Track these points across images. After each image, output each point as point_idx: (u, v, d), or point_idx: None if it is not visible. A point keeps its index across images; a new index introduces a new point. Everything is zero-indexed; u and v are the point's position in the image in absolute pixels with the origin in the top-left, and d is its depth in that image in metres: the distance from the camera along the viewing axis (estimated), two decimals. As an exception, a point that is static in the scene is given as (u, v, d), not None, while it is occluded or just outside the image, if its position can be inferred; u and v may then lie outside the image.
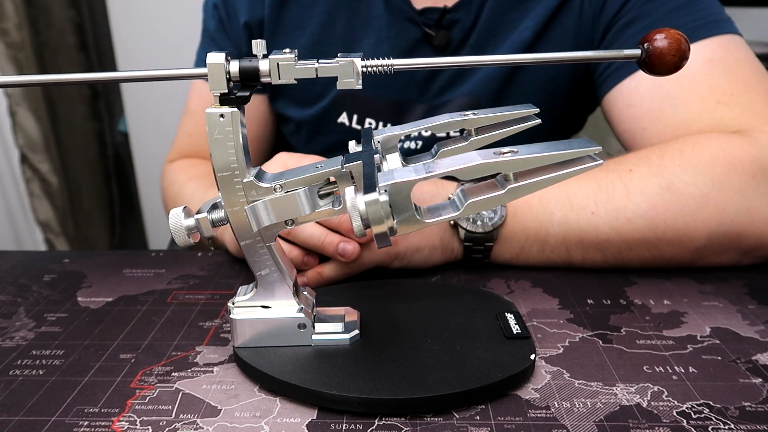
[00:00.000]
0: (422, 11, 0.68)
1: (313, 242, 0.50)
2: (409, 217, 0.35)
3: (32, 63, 1.48)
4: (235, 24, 0.74)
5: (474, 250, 0.54)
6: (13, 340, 0.46)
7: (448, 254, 0.55)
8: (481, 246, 0.54)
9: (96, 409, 0.38)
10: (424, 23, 0.68)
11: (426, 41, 0.68)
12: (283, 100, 0.76)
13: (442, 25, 0.68)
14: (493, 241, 0.53)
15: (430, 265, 0.55)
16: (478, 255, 0.54)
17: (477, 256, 0.55)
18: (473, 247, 0.54)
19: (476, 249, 0.54)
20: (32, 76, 0.35)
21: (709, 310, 0.48)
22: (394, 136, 0.44)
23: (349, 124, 0.73)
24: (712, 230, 0.51)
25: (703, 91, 0.58)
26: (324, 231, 0.50)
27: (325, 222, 0.50)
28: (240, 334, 0.41)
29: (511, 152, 0.34)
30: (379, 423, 0.36)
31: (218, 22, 0.75)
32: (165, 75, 0.35)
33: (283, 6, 0.71)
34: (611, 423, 0.36)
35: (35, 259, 0.61)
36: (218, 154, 0.37)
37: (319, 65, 0.35)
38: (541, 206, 0.53)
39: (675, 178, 0.51)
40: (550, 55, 0.36)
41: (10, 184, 1.57)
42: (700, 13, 0.61)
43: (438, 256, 0.54)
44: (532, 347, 0.41)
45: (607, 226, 0.52)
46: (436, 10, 0.67)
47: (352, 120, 0.72)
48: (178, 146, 0.81)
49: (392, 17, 0.68)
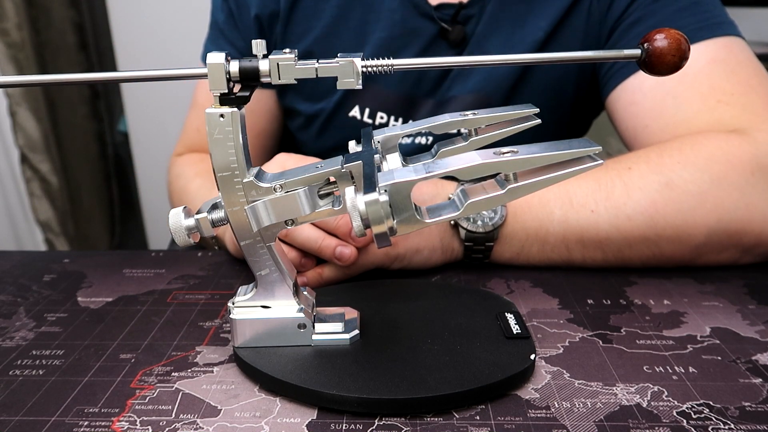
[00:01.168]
0: (437, 7, 0.68)
1: (310, 245, 0.50)
2: (409, 217, 0.35)
3: (32, 63, 1.48)
4: (245, 16, 0.74)
5: (474, 250, 0.54)
6: (13, 340, 0.46)
7: (448, 255, 0.55)
8: (481, 246, 0.54)
9: (96, 409, 0.38)
10: (440, 18, 0.68)
11: (442, 36, 0.69)
12: (293, 94, 0.76)
13: (458, 21, 0.68)
14: (494, 241, 0.53)
15: (431, 266, 0.55)
16: (478, 255, 0.55)
17: (477, 256, 0.55)
18: (474, 247, 0.54)
19: (477, 249, 0.54)
20: (32, 76, 0.35)
21: (709, 310, 0.48)
22: (394, 136, 0.44)
23: (361, 118, 0.73)
24: (712, 227, 0.51)
25: (704, 90, 0.58)
26: (321, 234, 0.50)
27: (322, 224, 0.50)
28: (240, 334, 0.41)
29: (511, 152, 0.34)
30: (379, 423, 0.36)
31: (228, 14, 0.75)
32: (165, 75, 0.35)
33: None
34: (611, 423, 0.36)
35: (35, 259, 0.61)
36: (218, 154, 0.37)
37: (319, 65, 0.35)
38: (541, 205, 0.53)
39: (674, 175, 0.52)
40: (550, 55, 0.36)
41: (10, 184, 1.57)
42: (704, 15, 0.62)
43: (438, 257, 0.54)
44: (532, 347, 0.41)
45: (607, 224, 0.52)
46: (451, 6, 0.68)
47: (363, 114, 0.73)
48: (185, 140, 0.82)
49: (407, 12, 0.69)
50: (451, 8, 0.68)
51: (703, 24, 0.61)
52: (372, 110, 0.72)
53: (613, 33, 0.67)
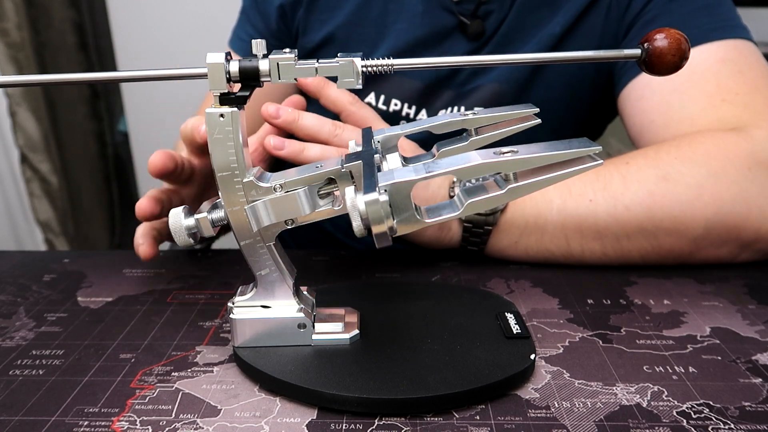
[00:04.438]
0: (459, 2, 0.69)
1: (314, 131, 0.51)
2: (409, 217, 0.35)
3: (32, 63, 1.48)
4: (268, 3, 0.76)
5: (473, 233, 0.54)
6: (13, 340, 0.46)
7: (444, 233, 0.55)
8: (480, 229, 0.54)
9: (96, 409, 0.38)
10: (459, 12, 0.69)
11: (460, 30, 0.70)
12: None
13: (477, 16, 0.69)
14: (493, 226, 0.53)
15: (424, 241, 0.55)
16: (476, 240, 0.54)
17: (475, 240, 0.54)
18: (472, 229, 0.54)
19: (475, 232, 0.54)
20: (32, 76, 0.35)
21: (709, 310, 0.48)
22: (394, 136, 0.44)
23: (376, 104, 0.73)
24: (710, 219, 0.52)
25: (710, 88, 0.59)
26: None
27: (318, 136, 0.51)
28: (240, 334, 0.41)
29: (511, 152, 0.34)
30: (379, 423, 0.36)
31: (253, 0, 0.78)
32: (165, 75, 0.35)
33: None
34: (611, 423, 0.36)
35: (35, 259, 0.61)
36: (218, 154, 0.37)
37: (318, 65, 0.35)
38: (540, 194, 0.53)
39: (671, 168, 0.52)
40: (550, 54, 0.36)
41: (10, 184, 1.57)
42: (719, 17, 0.62)
43: (433, 233, 0.54)
44: (532, 347, 0.41)
45: (605, 213, 0.52)
46: (472, 1, 0.68)
47: (379, 100, 0.73)
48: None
49: (428, 4, 0.69)
50: (472, 3, 0.68)
51: (717, 25, 0.62)
52: (387, 97, 0.73)
53: (629, 31, 0.67)
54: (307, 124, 0.49)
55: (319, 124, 0.50)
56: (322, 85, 0.54)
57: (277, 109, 0.48)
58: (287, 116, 0.48)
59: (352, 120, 0.54)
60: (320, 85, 0.54)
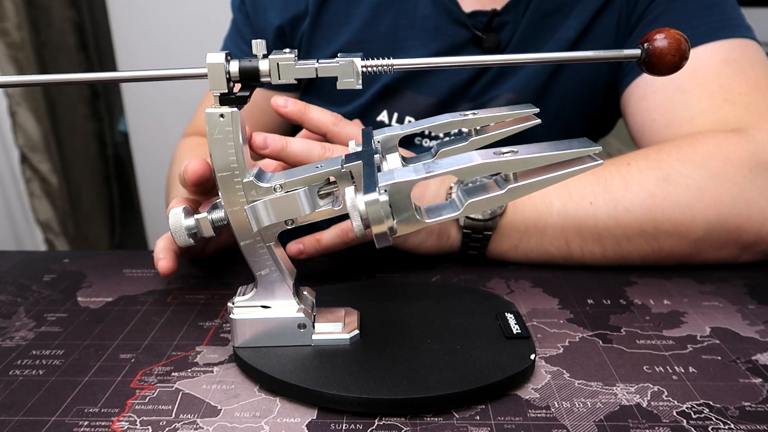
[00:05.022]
0: (471, 14, 0.68)
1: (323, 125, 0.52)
2: (409, 217, 0.35)
3: (32, 63, 1.48)
4: (262, 21, 0.74)
5: (472, 239, 0.54)
6: (13, 340, 0.46)
7: (444, 241, 0.55)
8: (479, 234, 0.54)
9: (96, 409, 0.38)
10: (473, 26, 0.68)
11: (475, 44, 0.69)
12: (316, 96, 0.75)
13: (492, 28, 0.68)
14: (492, 230, 0.53)
15: (424, 250, 0.55)
16: (475, 244, 0.54)
17: (475, 245, 0.54)
18: (472, 235, 0.54)
19: (475, 237, 0.54)
20: (32, 76, 0.35)
21: (709, 310, 0.48)
22: (394, 136, 0.44)
23: (389, 122, 0.72)
24: (710, 221, 0.51)
25: (713, 88, 0.59)
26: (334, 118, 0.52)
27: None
28: (240, 334, 0.41)
29: (511, 152, 0.34)
30: (379, 423, 0.36)
31: (245, 16, 0.76)
32: (165, 75, 0.35)
33: (327, 0, 0.70)
34: (611, 423, 0.36)
35: (35, 259, 0.61)
36: (218, 154, 0.37)
37: (318, 65, 0.35)
38: (540, 197, 0.53)
39: (672, 170, 0.52)
40: (550, 55, 0.36)
41: (10, 184, 1.57)
42: (722, 16, 0.62)
43: (433, 242, 0.54)
44: (532, 347, 0.41)
45: (605, 215, 0.52)
46: (485, 13, 0.67)
47: (392, 118, 0.72)
48: (195, 122, 0.82)
49: (440, 18, 0.68)
50: (485, 16, 0.67)
51: (720, 25, 0.62)
52: (400, 115, 0.71)
53: (633, 30, 0.67)
54: (296, 151, 0.49)
55: (308, 148, 0.49)
56: (303, 111, 0.53)
57: (264, 139, 0.48)
58: (275, 145, 0.48)
59: (338, 140, 0.53)
60: (301, 111, 0.53)
